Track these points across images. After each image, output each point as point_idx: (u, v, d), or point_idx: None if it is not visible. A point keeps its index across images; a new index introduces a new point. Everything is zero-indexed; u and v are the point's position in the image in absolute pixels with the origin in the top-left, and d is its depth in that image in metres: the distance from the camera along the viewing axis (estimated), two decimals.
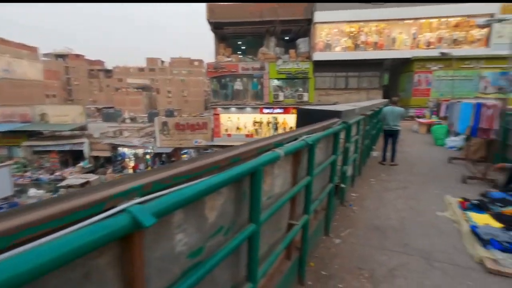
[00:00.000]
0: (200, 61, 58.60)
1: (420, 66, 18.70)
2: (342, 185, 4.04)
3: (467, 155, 7.37)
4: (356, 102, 14.95)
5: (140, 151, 23.65)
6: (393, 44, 19.00)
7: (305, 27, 20.54)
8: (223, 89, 22.00)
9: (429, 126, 12.52)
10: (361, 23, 18.81)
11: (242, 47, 24.73)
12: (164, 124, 22.91)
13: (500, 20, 10.17)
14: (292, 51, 20.73)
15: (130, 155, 23.62)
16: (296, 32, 21.81)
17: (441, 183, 5.83)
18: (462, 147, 8.48)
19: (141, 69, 62.48)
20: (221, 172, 1.12)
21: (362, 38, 18.98)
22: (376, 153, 8.39)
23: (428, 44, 18.60)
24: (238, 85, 21.76)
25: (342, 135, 3.73)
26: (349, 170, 5.02)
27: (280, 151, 1.61)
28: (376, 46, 19.02)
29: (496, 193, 4.79)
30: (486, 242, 3.18)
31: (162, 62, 62.83)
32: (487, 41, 17.72)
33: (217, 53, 21.91)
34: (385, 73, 23.39)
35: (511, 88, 18.76)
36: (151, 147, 23.35)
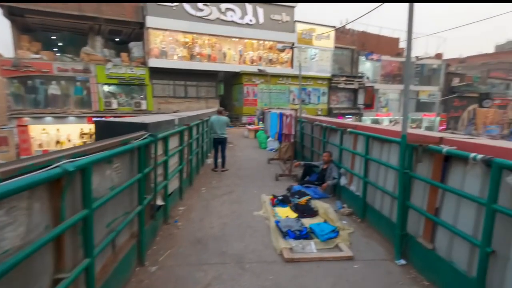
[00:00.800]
0: None
1: (247, 79, 21.46)
2: (161, 203, 3.72)
3: (280, 155, 8.85)
4: (197, 110, 15.33)
5: None
6: (224, 58, 20.86)
7: (138, 31, 19.21)
8: (31, 93, 17.21)
9: (256, 132, 14.41)
10: (195, 35, 19.55)
11: (59, 44, 20.31)
12: None
13: (292, 47, 13.00)
14: (124, 55, 18.87)
15: None
16: (128, 34, 20.05)
17: (261, 183, 6.61)
18: (278, 149, 10.15)
19: None
20: None
21: (197, 49, 19.76)
22: (210, 160, 8.70)
23: (252, 61, 21.64)
24: (54, 89, 17.60)
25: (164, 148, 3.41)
26: (175, 184, 4.79)
27: None
28: (210, 58, 20.28)
29: (296, 187, 5.86)
30: (285, 234, 3.69)
31: None
32: (291, 63, 22.54)
33: (18, 46, 16.92)
34: (221, 83, 25.43)
35: (309, 101, 24.80)
36: None
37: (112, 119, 7.90)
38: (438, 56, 30.20)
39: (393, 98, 28.35)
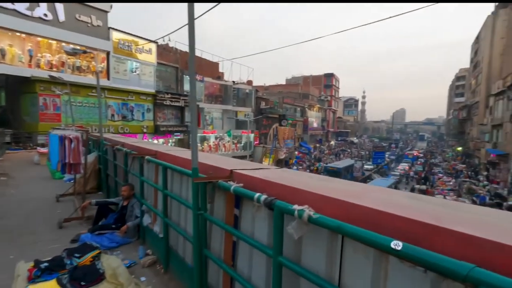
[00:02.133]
0: None
1: (44, 88, 16.65)
2: None
3: (76, 188, 6.75)
4: None
5: None
6: (3, 57, 15.24)
7: None
8: None
9: None
10: None
11: None
12: None
13: (85, 52, 11.44)
14: None
15: None
16: None
17: (31, 238, 4.53)
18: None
19: None
20: None
21: None
22: None
23: (51, 66, 17.07)
24: None
25: None
26: None
27: None
28: None
29: (85, 236, 4.30)
30: None
31: None
32: (107, 73, 19.61)
33: None
34: (0, 91, 18.62)
35: (132, 117, 22.45)
36: None
37: None
38: (249, 83, 35.71)
39: (217, 117, 30.63)
